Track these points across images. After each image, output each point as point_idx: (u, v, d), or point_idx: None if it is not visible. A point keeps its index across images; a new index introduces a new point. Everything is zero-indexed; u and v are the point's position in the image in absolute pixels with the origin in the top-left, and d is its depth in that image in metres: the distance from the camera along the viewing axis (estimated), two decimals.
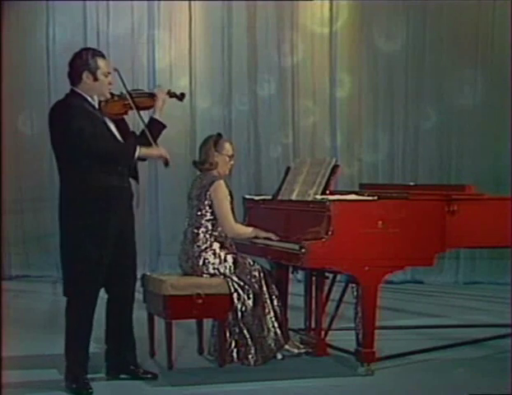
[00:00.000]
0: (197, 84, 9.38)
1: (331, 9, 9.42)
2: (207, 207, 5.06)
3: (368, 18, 9.45)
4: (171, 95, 4.82)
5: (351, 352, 5.00)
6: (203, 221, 5.08)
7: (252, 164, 9.48)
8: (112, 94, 4.61)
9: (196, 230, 5.09)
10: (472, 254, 9.04)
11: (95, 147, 4.39)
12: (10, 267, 9.25)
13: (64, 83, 4.67)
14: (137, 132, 4.78)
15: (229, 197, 5.08)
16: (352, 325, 4.95)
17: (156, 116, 4.71)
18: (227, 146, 5.19)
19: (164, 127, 4.74)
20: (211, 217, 5.07)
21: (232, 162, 5.25)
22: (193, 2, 9.41)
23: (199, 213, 5.09)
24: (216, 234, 5.08)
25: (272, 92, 9.52)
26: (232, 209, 5.10)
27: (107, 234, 4.50)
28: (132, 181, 4.69)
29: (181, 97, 4.88)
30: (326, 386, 4.66)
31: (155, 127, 4.69)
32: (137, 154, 4.50)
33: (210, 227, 5.08)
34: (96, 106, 4.56)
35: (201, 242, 5.07)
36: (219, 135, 5.22)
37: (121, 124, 4.66)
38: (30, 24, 9.43)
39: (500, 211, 5.15)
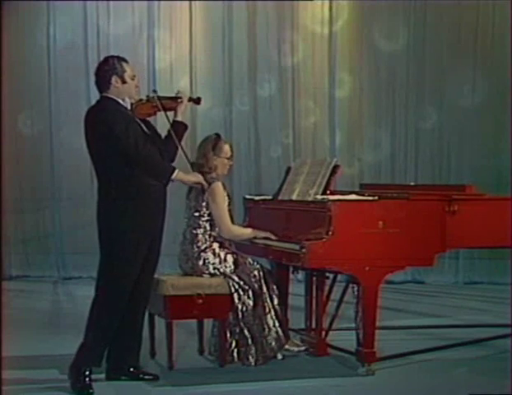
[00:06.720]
0: (198, 84, 9.38)
1: (331, 9, 9.43)
2: (205, 209, 5.06)
3: (368, 18, 9.46)
4: (189, 99, 4.95)
5: (351, 352, 5.00)
6: (201, 222, 5.08)
7: (252, 164, 9.49)
8: (140, 98, 4.77)
9: (195, 231, 5.09)
10: (471, 254, 9.03)
11: (142, 158, 4.51)
12: (10, 267, 9.23)
13: (64, 83, 4.70)
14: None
15: (226, 199, 5.07)
16: (353, 325, 4.95)
17: (179, 118, 4.82)
18: (226, 148, 5.18)
19: (186, 128, 4.86)
20: (209, 218, 5.07)
21: (231, 163, 5.25)
22: (193, 2, 9.42)
23: (197, 214, 5.09)
24: (214, 234, 5.08)
25: (272, 92, 9.53)
26: (230, 210, 5.09)
27: (147, 231, 4.61)
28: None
29: (198, 101, 5.04)
30: (326, 386, 4.65)
31: (180, 129, 4.81)
32: (174, 175, 4.63)
33: (208, 228, 5.08)
34: (128, 108, 4.69)
35: (200, 242, 5.07)
36: (217, 136, 5.20)
37: (148, 126, 4.77)
38: (30, 24, 9.43)
39: (500, 211, 5.15)
